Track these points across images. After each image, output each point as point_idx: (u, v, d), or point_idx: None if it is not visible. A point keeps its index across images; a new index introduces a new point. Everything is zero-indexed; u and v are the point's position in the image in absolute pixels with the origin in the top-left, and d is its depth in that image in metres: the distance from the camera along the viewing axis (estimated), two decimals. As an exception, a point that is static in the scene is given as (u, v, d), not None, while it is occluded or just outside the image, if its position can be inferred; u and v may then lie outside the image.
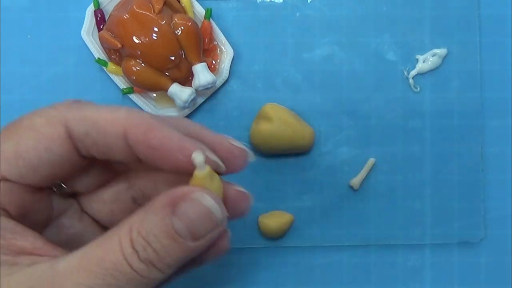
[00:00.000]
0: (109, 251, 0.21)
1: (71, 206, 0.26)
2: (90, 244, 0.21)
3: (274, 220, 0.37)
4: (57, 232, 0.26)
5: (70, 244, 0.25)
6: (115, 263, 0.20)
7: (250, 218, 0.38)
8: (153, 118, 0.23)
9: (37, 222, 0.24)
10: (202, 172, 0.22)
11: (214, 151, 0.23)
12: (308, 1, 0.39)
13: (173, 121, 0.24)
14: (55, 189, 0.26)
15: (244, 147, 0.25)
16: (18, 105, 0.38)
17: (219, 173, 0.23)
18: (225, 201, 0.24)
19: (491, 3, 0.39)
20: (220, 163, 0.23)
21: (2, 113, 0.38)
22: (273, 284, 0.38)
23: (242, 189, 0.25)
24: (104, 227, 0.27)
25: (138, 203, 0.27)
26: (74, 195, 0.27)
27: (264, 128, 0.36)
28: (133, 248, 0.21)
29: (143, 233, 0.21)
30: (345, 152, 0.38)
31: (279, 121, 0.36)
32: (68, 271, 0.21)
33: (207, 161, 0.22)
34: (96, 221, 0.27)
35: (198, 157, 0.22)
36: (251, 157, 0.25)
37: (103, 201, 0.27)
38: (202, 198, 0.22)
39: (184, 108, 0.37)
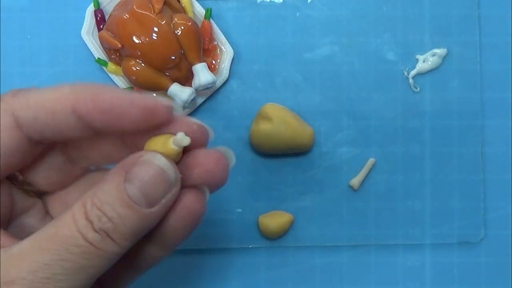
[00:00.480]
0: (62, 226, 0.21)
1: (34, 205, 0.26)
2: (44, 226, 0.21)
3: (274, 220, 0.37)
4: (17, 232, 0.25)
5: None
6: (69, 237, 0.20)
7: (250, 218, 0.38)
8: (97, 85, 0.23)
9: None
10: (176, 148, 0.22)
11: (173, 127, 0.23)
12: (308, 1, 0.39)
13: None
14: (16, 185, 0.25)
15: (203, 124, 0.24)
16: (18, 105, 0.38)
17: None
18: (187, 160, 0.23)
19: (491, 3, 0.39)
20: (211, 130, 0.23)
21: (2, 113, 0.38)
22: (273, 284, 0.38)
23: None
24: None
25: (75, 163, 0.26)
26: (39, 195, 0.26)
27: (264, 128, 0.36)
28: (87, 219, 0.20)
29: (97, 202, 0.21)
30: (345, 152, 0.38)
31: (279, 121, 0.36)
32: (22, 252, 0.20)
33: (193, 130, 0.22)
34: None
35: (184, 139, 0.22)
36: (211, 133, 0.25)
37: (67, 204, 0.26)
38: (153, 158, 0.22)
39: (184, 108, 0.37)
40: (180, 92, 0.36)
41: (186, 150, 0.23)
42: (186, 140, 0.22)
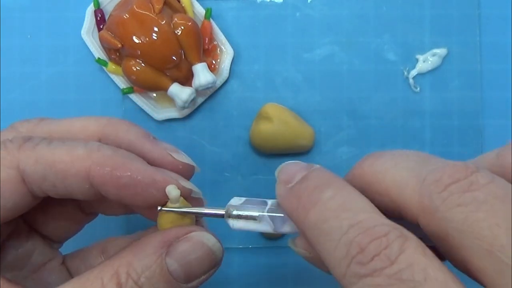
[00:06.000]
0: None
1: (17, 226, 0.24)
2: (66, 285, 0.19)
3: (274, 220, 0.37)
4: (3, 255, 0.24)
5: (19, 265, 0.23)
6: None
7: (250, 218, 0.38)
8: (115, 153, 0.21)
9: None
10: (175, 205, 0.22)
11: (156, 165, 0.22)
12: (308, 1, 0.39)
13: (124, 136, 0.23)
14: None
15: (187, 160, 0.24)
16: (18, 105, 0.38)
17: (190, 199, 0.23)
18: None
19: (491, 3, 0.39)
20: (196, 188, 0.22)
21: (2, 113, 0.38)
22: (273, 284, 0.38)
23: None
24: (54, 242, 0.26)
25: (88, 216, 0.26)
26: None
27: (264, 128, 0.36)
28: None
29: (134, 276, 0.19)
30: (345, 152, 0.38)
31: (279, 121, 0.36)
32: None
33: (181, 189, 0.22)
34: (45, 238, 0.25)
35: (173, 191, 0.21)
36: (196, 169, 0.24)
37: (51, 216, 0.25)
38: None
39: (184, 108, 0.37)
40: (180, 92, 0.36)
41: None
42: (176, 192, 0.21)
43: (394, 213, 0.19)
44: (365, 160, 0.20)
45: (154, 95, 0.38)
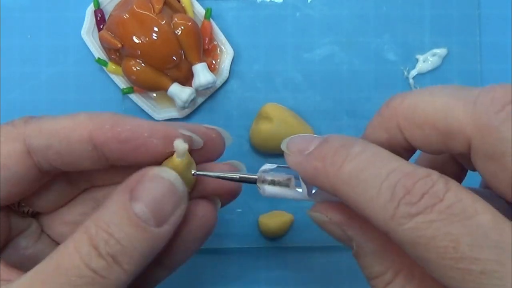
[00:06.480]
0: (64, 257, 0.19)
1: (29, 225, 0.25)
2: (46, 258, 0.20)
3: (274, 220, 0.37)
4: (12, 253, 0.24)
5: (25, 266, 0.23)
6: (71, 268, 0.19)
7: (250, 218, 0.38)
8: (115, 114, 0.22)
9: None
10: (180, 159, 0.21)
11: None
12: (308, 1, 0.39)
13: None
14: (13, 208, 0.24)
15: (219, 129, 0.24)
16: (18, 105, 0.38)
17: (194, 155, 0.23)
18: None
19: (491, 3, 0.39)
20: (197, 138, 0.22)
21: (2, 113, 0.38)
22: (273, 284, 0.38)
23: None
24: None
25: (74, 185, 0.25)
26: (34, 214, 0.25)
27: (264, 128, 0.36)
28: (92, 245, 0.19)
29: (102, 225, 0.19)
30: (345, 152, 0.38)
31: (279, 121, 0.36)
32: None
33: (184, 137, 0.22)
34: (56, 243, 0.25)
35: (180, 145, 0.21)
36: (228, 138, 0.24)
37: (65, 222, 0.25)
38: (161, 172, 0.21)
39: (184, 108, 0.37)
40: (180, 92, 0.36)
41: (201, 160, 0.23)
42: (184, 145, 0.21)
43: (436, 146, 0.19)
44: (391, 100, 0.20)
45: (154, 95, 0.38)
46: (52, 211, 0.25)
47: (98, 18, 0.37)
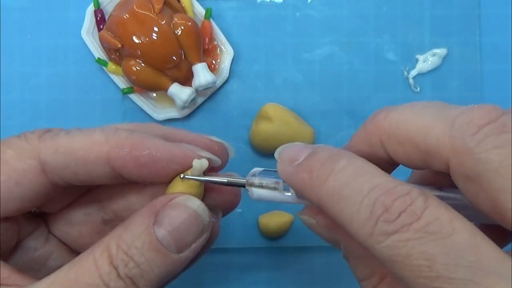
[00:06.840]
0: (83, 272, 0.19)
1: (37, 227, 0.25)
2: (62, 268, 0.20)
3: (274, 220, 0.37)
4: (22, 256, 0.24)
5: (34, 268, 0.23)
6: (90, 285, 0.19)
7: (250, 218, 0.38)
8: (132, 134, 0.22)
9: (4, 249, 0.23)
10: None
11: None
12: (308, 1, 0.39)
13: (147, 128, 0.23)
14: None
15: (224, 142, 0.24)
16: (18, 105, 0.38)
17: (213, 169, 0.23)
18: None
19: (491, 3, 0.39)
20: (214, 157, 0.22)
21: (2, 113, 0.38)
22: (273, 284, 0.38)
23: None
24: (71, 250, 0.25)
25: (109, 225, 0.25)
26: (40, 216, 0.25)
27: (264, 128, 0.36)
28: (112, 265, 0.19)
29: (123, 247, 0.19)
30: (345, 152, 0.38)
31: (279, 121, 0.36)
32: None
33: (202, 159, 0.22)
34: (63, 243, 0.25)
35: (198, 164, 0.21)
36: (232, 152, 0.24)
37: (71, 222, 0.25)
38: (187, 201, 0.21)
39: (184, 108, 0.37)
40: (180, 92, 0.36)
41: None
42: (204, 164, 0.21)
43: (416, 163, 0.19)
44: (376, 115, 0.20)
45: (154, 95, 0.38)
46: (57, 211, 0.25)
47: (98, 18, 0.37)
